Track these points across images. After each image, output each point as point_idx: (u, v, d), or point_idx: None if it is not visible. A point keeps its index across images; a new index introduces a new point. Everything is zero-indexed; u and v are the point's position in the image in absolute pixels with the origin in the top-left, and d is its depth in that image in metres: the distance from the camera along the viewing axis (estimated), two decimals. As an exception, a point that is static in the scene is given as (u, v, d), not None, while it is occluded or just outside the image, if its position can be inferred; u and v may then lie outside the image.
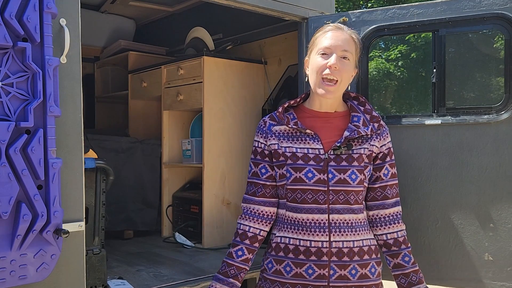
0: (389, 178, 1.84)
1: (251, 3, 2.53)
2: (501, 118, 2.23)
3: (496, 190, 2.25)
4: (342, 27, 1.80)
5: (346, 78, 1.75)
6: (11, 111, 1.57)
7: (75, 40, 1.80)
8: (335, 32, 1.76)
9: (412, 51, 9.42)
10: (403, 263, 1.82)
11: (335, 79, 1.71)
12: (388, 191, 1.83)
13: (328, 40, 1.74)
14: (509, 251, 2.23)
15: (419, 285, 1.82)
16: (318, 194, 1.70)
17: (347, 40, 1.75)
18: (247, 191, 1.86)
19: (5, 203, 1.54)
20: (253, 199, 1.83)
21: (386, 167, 1.83)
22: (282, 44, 3.49)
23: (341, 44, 1.73)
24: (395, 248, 1.83)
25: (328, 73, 1.70)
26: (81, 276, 1.87)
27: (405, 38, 9.18)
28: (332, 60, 1.70)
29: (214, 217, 3.33)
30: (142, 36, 4.62)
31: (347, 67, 1.73)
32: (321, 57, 1.73)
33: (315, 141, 1.74)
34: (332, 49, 1.72)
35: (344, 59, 1.73)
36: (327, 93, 1.73)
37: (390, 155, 1.85)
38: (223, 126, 3.35)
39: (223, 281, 1.79)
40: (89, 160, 2.17)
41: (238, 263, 1.81)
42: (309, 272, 1.72)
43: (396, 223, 1.84)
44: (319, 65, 1.72)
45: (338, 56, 1.71)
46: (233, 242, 1.85)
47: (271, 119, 1.84)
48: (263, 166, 1.82)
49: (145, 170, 3.69)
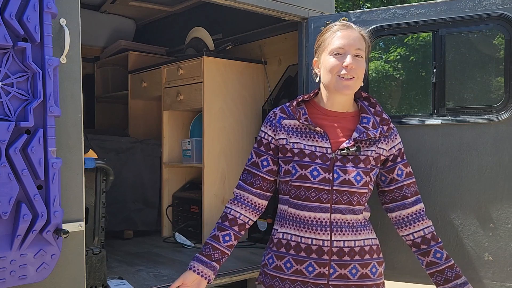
0: (405, 178, 1.84)
1: (251, 3, 2.53)
2: (501, 118, 2.23)
3: (496, 190, 2.25)
4: (351, 25, 1.80)
5: (361, 75, 1.77)
6: (11, 111, 1.57)
7: (75, 40, 1.80)
8: (346, 31, 1.76)
9: (411, 54, 9.42)
10: (436, 260, 1.81)
11: (353, 76, 1.72)
12: (406, 190, 1.84)
13: (340, 40, 1.74)
14: (509, 251, 2.23)
15: (457, 280, 1.80)
16: (322, 193, 1.71)
17: (359, 38, 1.76)
18: (244, 179, 1.85)
19: (5, 203, 1.54)
20: (249, 189, 1.83)
21: (399, 167, 1.83)
22: (282, 44, 3.49)
23: (354, 43, 1.74)
24: (424, 246, 1.82)
25: (345, 73, 1.71)
26: (81, 276, 1.87)
27: (404, 41, 9.18)
28: (348, 60, 1.71)
29: (214, 217, 3.32)
30: (142, 36, 4.63)
31: (361, 64, 1.75)
32: (334, 57, 1.74)
33: (323, 140, 1.74)
34: (345, 49, 1.73)
35: (358, 57, 1.74)
36: (347, 88, 1.73)
37: (401, 156, 1.85)
38: (223, 126, 3.35)
39: (206, 264, 1.77)
40: (89, 160, 2.17)
41: (224, 248, 1.80)
42: (309, 269, 1.72)
43: (421, 221, 1.84)
44: (334, 65, 1.73)
45: (352, 55, 1.72)
46: (221, 226, 1.82)
47: (281, 112, 1.83)
48: (266, 159, 1.82)
49: (145, 170, 3.69)
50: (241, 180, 1.87)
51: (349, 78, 1.72)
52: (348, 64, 1.70)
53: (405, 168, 1.85)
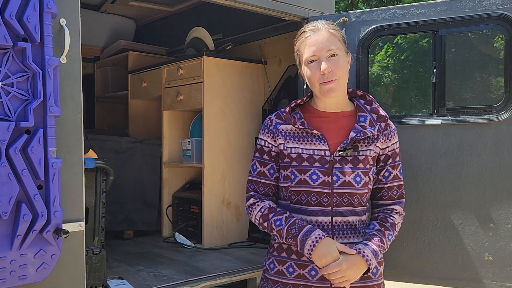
0: (390, 180, 1.81)
1: (251, 3, 2.53)
2: (501, 118, 2.23)
3: (496, 190, 2.25)
4: (318, 27, 1.76)
5: (344, 72, 1.74)
6: (11, 111, 1.57)
7: (75, 40, 1.80)
8: (313, 36, 1.73)
9: (409, 54, 9.42)
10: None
11: (333, 79, 1.70)
12: (385, 192, 1.81)
13: (310, 47, 1.72)
14: (509, 251, 2.23)
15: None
16: (322, 196, 1.69)
17: (327, 38, 1.72)
18: (256, 190, 1.80)
19: (5, 203, 1.54)
20: (264, 198, 1.79)
21: (387, 169, 1.80)
22: (282, 44, 3.49)
23: (323, 46, 1.70)
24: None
25: (324, 79, 1.70)
26: (81, 276, 1.87)
27: (399, 43, 9.20)
28: (323, 66, 1.68)
29: (214, 217, 3.33)
30: (142, 36, 4.63)
31: (339, 63, 1.71)
32: (311, 67, 1.73)
33: (321, 142, 1.72)
34: (317, 55, 1.71)
35: (333, 57, 1.71)
36: (331, 91, 1.71)
37: (394, 157, 1.81)
38: (223, 126, 3.35)
39: (313, 229, 1.66)
40: (89, 160, 2.17)
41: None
42: (312, 273, 1.71)
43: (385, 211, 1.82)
44: (313, 76, 1.72)
45: (326, 57, 1.70)
46: (274, 216, 1.71)
47: (277, 118, 1.81)
48: (272, 167, 1.80)
49: (145, 170, 3.69)
50: (252, 191, 1.80)
51: (329, 81, 1.70)
52: (324, 70, 1.68)
53: (393, 171, 1.81)
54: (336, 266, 1.60)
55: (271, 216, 1.71)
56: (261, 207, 1.75)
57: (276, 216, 1.71)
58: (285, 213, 1.71)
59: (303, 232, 1.65)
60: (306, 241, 1.63)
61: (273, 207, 1.75)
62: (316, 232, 1.64)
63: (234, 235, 3.41)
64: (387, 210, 1.82)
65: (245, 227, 3.51)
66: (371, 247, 1.67)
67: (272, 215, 1.72)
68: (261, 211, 1.74)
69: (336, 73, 1.70)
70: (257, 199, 1.78)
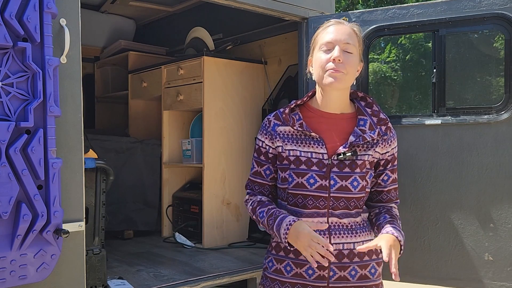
0: (388, 184, 1.82)
1: (251, 3, 2.53)
2: (501, 118, 2.23)
3: (496, 190, 2.25)
4: (343, 22, 1.78)
5: (352, 72, 1.72)
6: (11, 111, 1.57)
7: (75, 40, 1.80)
8: (336, 26, 1.74)
9: (408, 53, 9.41)
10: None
11: (341, 70, 1.69)
12: (384, 195, 1.82)
13: (329, 34, 1.72)
14: (509, 251, 2.23)
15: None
16: (319, 200, 1.70)
17: (349, 32, 1.72)
18: (252, 188, 1.83)
19: (5, 203, 1.54)
20: (261, 196, 1.82)
21: (387, 173, 1.81)
22: (282, 44, 3.49)
23: (343, 37, 1.70)
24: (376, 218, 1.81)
25: (332, 67, 1.68)
26: (81, 276, 1.87)
27: (398, 42, 9.20)
28: (336, 52, 1.67)
29: (214, 217, 3.33)
30: (142, 36, 4.63)
31: (351, 60, 1.70)
32: (324, 53, 1.71)
33: (319, 145, 1.71)
34: (334, 43, 1.69)
35: (347, 53, 1.70)
36: (335, 80, 1.67)
37: (393, 161, 1.82)
38: (223, 126, 3.35)
39: (284, 217, 1.67)
40: (89, 160, 2.17)
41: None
42: (309, 272, 1.72)
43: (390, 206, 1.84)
44: (323, 60, 1.70)
45: (341, 49, 1.69)
46: (260, 208, 1.74)
47: (276, 119, 1.80)
48: (268, 168, 1.81)
49: (145, 170, 3.69)
50: (249, 189, 1.85)
51: (337, 71, 1.69)
52: (336, 57, 1.66)
53: (392, 174, 1.83)
54: (386, 248, 1.56)
55: (257, 209, 1.76)
56: (252, 201, 1.80)
57: (261, 208, 1.75)
58: (269, 205, 1.75)
59: (277, 222, 1.67)
60: (280, 230, 1.65)
61: (261, 200, 1.78)
62: (287, 219, 1.65)
63: (234, 235, 3.42)
64: (387, 206, 1.84)
65: (245, 227, 3.51)
66: (392, 229, 1.67)
67: (258, 207, 1.76)
68: (252, 205, 1.79)
69: (346, 67, 1.68)
70: (251, 195, 1.83)
